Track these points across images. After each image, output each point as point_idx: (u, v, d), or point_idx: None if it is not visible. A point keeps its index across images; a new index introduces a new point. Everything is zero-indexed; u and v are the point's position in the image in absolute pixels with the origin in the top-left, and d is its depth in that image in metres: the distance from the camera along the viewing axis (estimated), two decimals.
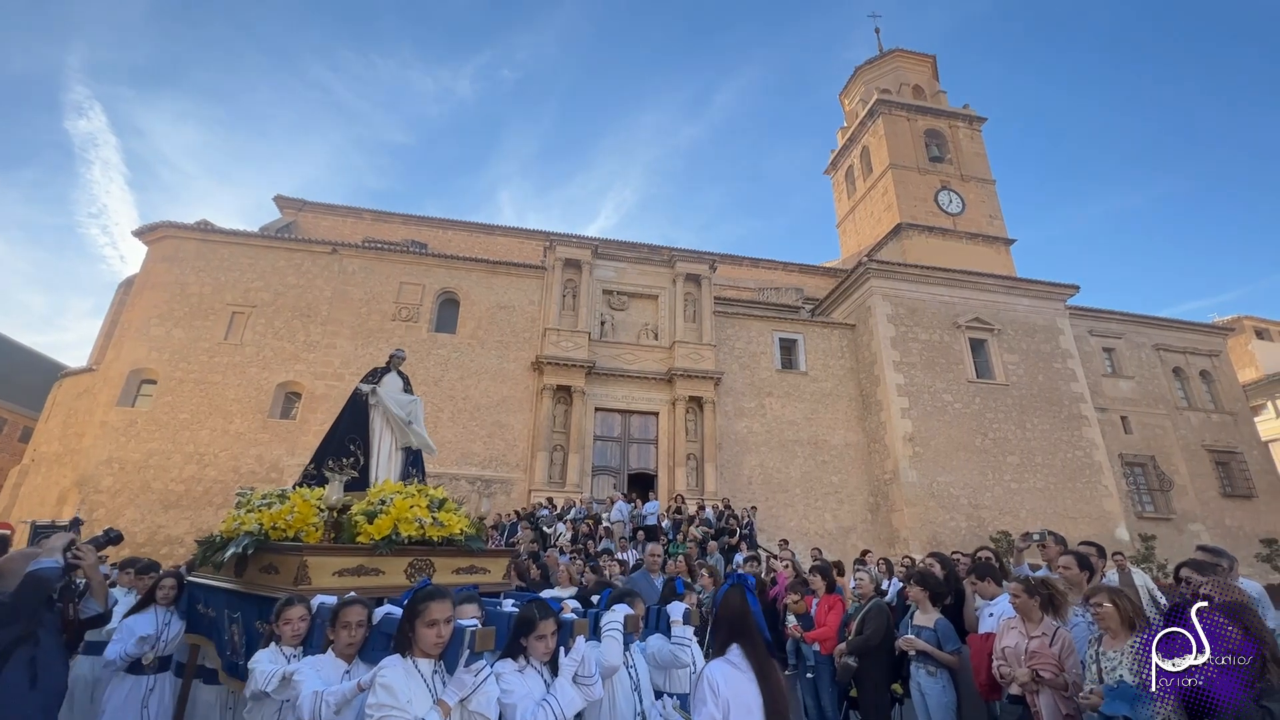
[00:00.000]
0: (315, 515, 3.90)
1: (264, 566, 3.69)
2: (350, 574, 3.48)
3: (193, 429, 16.64)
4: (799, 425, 19.88)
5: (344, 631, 2.69)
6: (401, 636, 2.32)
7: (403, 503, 3.83)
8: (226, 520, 4.09)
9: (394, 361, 5.48)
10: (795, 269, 31.09)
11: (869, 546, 16.43)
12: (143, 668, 3.89)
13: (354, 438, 4.89)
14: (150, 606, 4.08)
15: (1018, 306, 21.85)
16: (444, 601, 2.31)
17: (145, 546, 15.07)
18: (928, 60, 33.02)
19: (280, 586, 3.39)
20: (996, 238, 27.85)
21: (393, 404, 5.08)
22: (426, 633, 2.26)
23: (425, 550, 3.78)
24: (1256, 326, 32.98)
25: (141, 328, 17.43)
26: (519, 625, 2.53)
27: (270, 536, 3.80)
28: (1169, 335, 24.55)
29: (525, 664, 2.50)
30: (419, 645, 2.29)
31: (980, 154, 30.08)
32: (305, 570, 3.33)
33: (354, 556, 3.58)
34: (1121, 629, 2.77)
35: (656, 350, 19.73)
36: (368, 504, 3.89)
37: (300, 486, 4.45)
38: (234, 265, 18.57)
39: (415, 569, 3.72)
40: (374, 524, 3.69)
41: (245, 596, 3.61)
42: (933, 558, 5.08)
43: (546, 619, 2.53)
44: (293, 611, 2.96)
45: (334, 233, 24.59)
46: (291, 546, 3.58)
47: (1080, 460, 19.81)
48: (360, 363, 18.09)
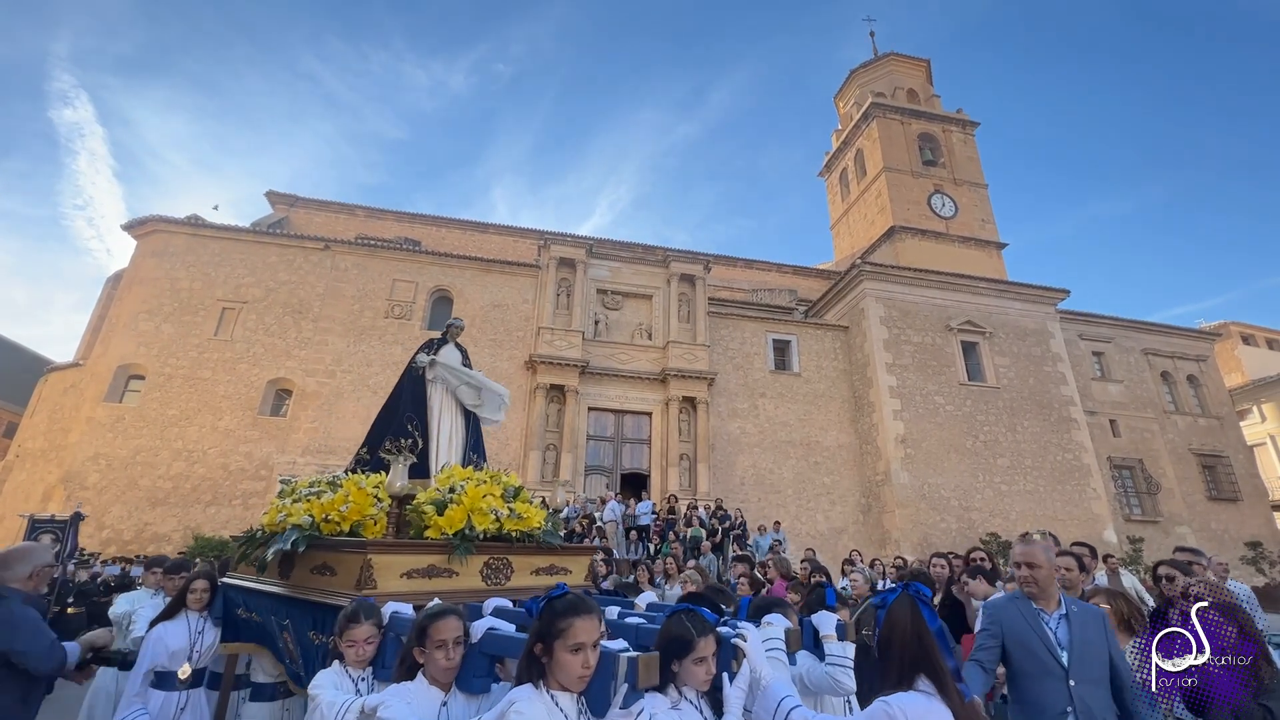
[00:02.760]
0: (373, 506, 3.35)
1: (317, 567, 3.16)
2: (420, 575, 2.99)
3: (181, 425, 16.46)
4: (792, 426, 19.93)
5: (438, 653, 2.13)
6: (532, 662, 1.79)
7: (475, 491, 3.29)
8: (269, 512, 3.53)
9: (452, 331, 4.81)
10: (789, 270, 31.19)
11: (861, 548, 16.50)
12: (175, 682, 3.44)
13: (411, 417, 4.31)
14: (181, 612, 3.64)
15: (1009, 310, 22.02)
16: (590, 619, 1.79)
17: (132, 544, 14.90)
18: (922, 64, 33.21)
19: (339, 590, 2.91)
20: (988, 241, 28.05)
21: (454, 369, 4.49)
22: (571, 661, 1.73)
23: (502, 547, 3.29)
24: (1243, 332, 33.42)
25: (130, 323, 17.23)
26: (670, 645, 1.92)
27: (322, 531, 3.26)
28: (1157, 340, 24.81)
29: (679, 697, 1.90)
30: (558, 675, 1.75)
31: (973, 158, 30.29)
32: (370, 571, 2.83)
33: (425, 555, 3.06)
34: (1119, 630, 2.78)
35: (650, 350, 19.72)
36: (435, 492, 3.35)
37: (352, 473, 3.90)
38: (225, 261, 18.39)
39: (492, 569, 3.23)
40: (444, 516, 3.16)
41: (295, 602, 3.12)
42: (939, 558, 5.09)
43: (706, 635, 1.93)
44: (359, 632, 2.42)
45: (326, 229, 24.40)
46: (352, 542, 3.06)
47: (1069, 463, 19.97)
48: (352, 360, 17.97)
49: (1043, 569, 2.84)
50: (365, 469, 3.96)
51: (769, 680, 1.99)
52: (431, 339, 4.82)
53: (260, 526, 3.60)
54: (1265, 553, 18.71)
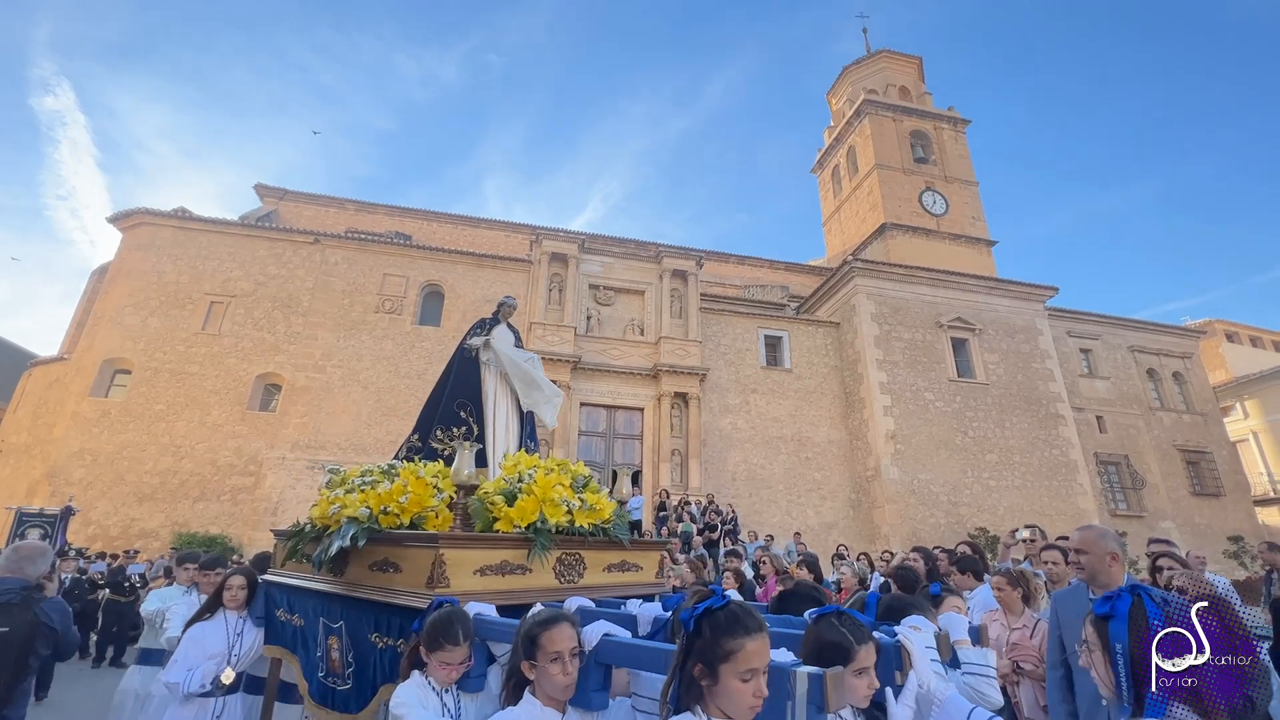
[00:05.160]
0: (433, 497, 3.08)
1: (377, 563, 2.89)
2: (494, 572, 2.74)
3: (168, 420, 16.31)
4: (783, 422, 20.02)
5: (554, 667, 1.78)
6: (690, 685, 1.41)
7: (545, 480, 3.01)
8: (319, 504, 3.26)
9: (504, 310, 4.51)
10: (781, 267, 31.25)
11: (851, 542, 16.63)
12: (214, 688, 3.24)
13: (464, 402, 4.06)
14: (218, 612, 3.43)
15: (998, 307, 22.18)
16: (763, 638, 1.41)
17: (119, 540, 14.76)
18: (914, 61, 33.29)
19: (405, 589, 2.65)
20: (978, 239, 28.22)
21: (510, 361, 4.18)
22: (742, 690, 1.35)
23: (575, 542, 3.03)
24: (1227, 330, 33.86)
25: (116, 316, 17.03)
26: (822, 655, 1.61)
27: (380, 524, 2.98)
28: (1144, 337, 25.09)
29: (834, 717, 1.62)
30: (721, 703, 1.37)
31: (964, 156, 30.43)
32: (443, 569, 2.57)
33: (499, 550, 2.79)
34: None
35: (642, 346, 19.72)
36: (502, 482, 3.09)
37: (407, 461, 3.62)
38: (213, 254, 18.20)
39: (565, 566, 2.98)
40: (515, 507, 2.89)
41: (352, 602, 2.87)
42: (916, 552, 5.14)
43: (866, 643, 1.64)
44: (456, 654, 2.08)
45: (316, 223, 24.20)
46: (421, 536, 2.79)
47: (1056, 459, 20.19)
48: (343, 354, 17.86)
49: (1090, 555, 2.79)
50: (420, 458, 3.71)
51: (944, 693, 1.69)
52: (483, 318, 4.55)
53: (310, 520, 3.34)
54: (1246, 547, 19.00)
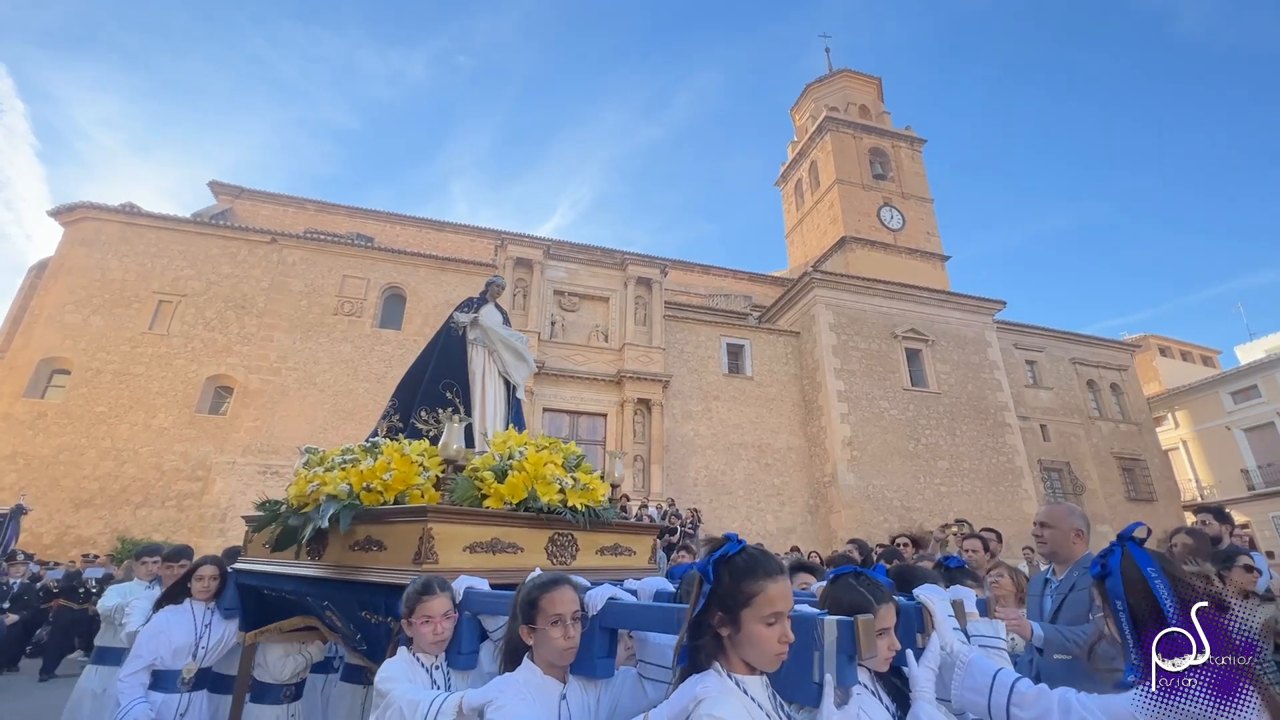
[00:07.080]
0: (419, 475, 2.96)
1: (359, 542, 2.79)
2: (484, 550, 2.66)
3: (110, 423, 15.64)
4: (744, 429, 20.35)
5: (554, 630, 1.71)
6: (712, 643, 1.36)
7: (536, 457, 2.94)
8: (296, 483, 3.10)
9: (492, 290, 4.42)
10: (744, 277, 31.82)
11: (808, 546, 16.98)
12: (177, 684, 3.09)
13: (450, 383, 3.98)
14: (184, 602, 3.25)
15: (950, 319, 23.06)
16: (784, 580, 1.37)
17: (53, 548, 14.06)
18: (874, 82, 34.47)
19: (392, 567, 2.58)
20: (933, 254, 29.29)
21: (499, 336, 4.13)
22: (766, 634, 1.31)
23: (566, 523, 2.96)
24: (1160, 345, 35.83)
25: (55, 314, 16.29)
26: (841, 614, 1.51)
27: (363, 502, 2.87)
28: (1084, 350, 26.44)
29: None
30: (745, 653, 1.34)
31: (920, 174, 31.60)
32: (431, 544, 2.49)
33: (489, 526, 2.71)
34: (1014, 601, 3.08)
35: (606, 352, 19.82)
36: (491, 458, 3.00)
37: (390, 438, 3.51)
38: (162, 251, 17.59)
39: (557, 546, 2.92)
40: (505, 484, 2.82)
41: (336, 584, 2.80)
42: (852, 544, 5.36)
43: (886, 603, 1.59)
44: (436, 605, 2.02)
45: (274, 222, 23.59)
46: (409, 510, 2.69)
47: (1004, 465, 21.04)
48: (299, 357, 17.44)
49: (1055, 530, 2.72)
50: (403, 437, 3.64)
51: (967, 654, 1.64)
52: (470, 297, 4.42)
53: (286, 500, 3.19)
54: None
